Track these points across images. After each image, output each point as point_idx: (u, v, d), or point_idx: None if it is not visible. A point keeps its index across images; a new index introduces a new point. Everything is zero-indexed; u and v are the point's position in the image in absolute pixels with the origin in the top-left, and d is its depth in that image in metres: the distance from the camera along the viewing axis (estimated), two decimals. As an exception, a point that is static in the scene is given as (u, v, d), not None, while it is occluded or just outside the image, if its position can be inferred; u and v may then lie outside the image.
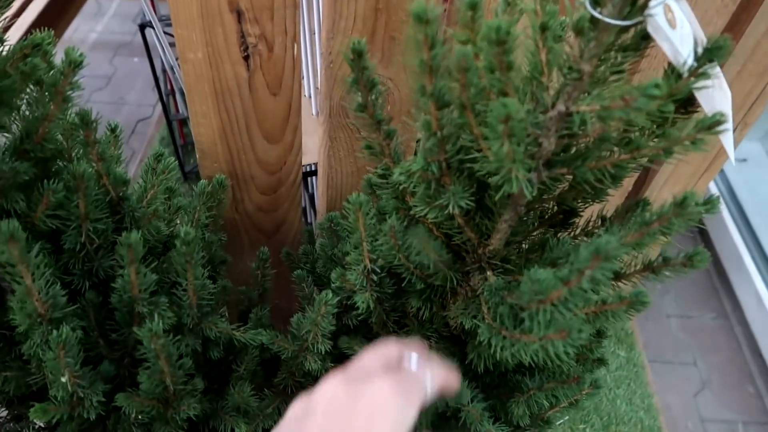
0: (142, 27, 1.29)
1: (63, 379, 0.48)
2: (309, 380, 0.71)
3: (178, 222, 0.70)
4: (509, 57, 0.40)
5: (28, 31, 1.45)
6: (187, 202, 0.72)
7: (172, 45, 1.32)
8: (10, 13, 0.50)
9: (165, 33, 1.28)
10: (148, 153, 1.87)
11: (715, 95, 0.50)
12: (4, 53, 0.51)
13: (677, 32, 0.45)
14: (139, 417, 0.57)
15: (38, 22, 1.46)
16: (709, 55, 0.41)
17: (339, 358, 0.70)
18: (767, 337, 1.63)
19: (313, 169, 0.95)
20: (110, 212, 0.60)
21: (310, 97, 1.11)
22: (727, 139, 0.52)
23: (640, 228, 0.48)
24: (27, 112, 0.55)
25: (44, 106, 0.50)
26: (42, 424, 0.66)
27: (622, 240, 0.50)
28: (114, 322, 0.60)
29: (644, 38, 0.45)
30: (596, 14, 0.40)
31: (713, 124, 0.40)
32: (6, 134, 0.54)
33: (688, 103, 0.48)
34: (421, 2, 0.40)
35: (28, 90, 0.54)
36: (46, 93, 0.50)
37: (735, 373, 1.67)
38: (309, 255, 0.80)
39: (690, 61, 0.42)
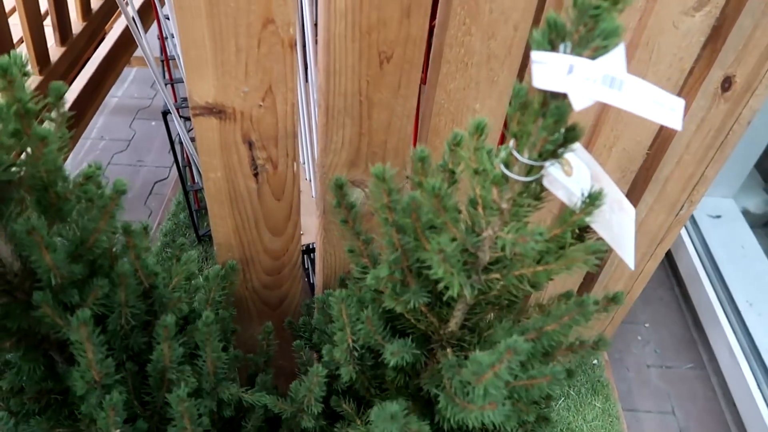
0: (164, 114, 1.46)
1: (116, 431, 0.63)
2: (305, 436, 0.85)
3: (196, 302, 0.85)
4: (445, 203, 0.55)
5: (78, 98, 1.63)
6: (204, 284, 0.87)
7: (187, 119, 1.51)
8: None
9: (182, 117, 1.46)
10: (165, 214, 2.03)
11: (614, 219, 0.65)
12: (65, 184, 0.67)
13: (574, 178, 0.60)
14: (167, 467, 0.71)
15: (86, 88, 1.64)
16: (591, 200, 0.56)
17: (330, 416, 0.83)
18: (739, 386, 1.74)
19: (313, 247, 1.11)
20: (143, 298, 0.76)
21: (310, 180, 1.27)
22: (625, 252, 0.66)
23: (553, 321, 0.62)
24: (78, 224, 0.70)
25: (96, 222, 0.66)
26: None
27: (544, 327, 0.64)
28: (146, 386, 0.75)
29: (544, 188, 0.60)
30: (507, 173, 0.55)
31: (594, 251, 0.55)
32: (62, 239, 0.70)
33: (583, 230, 0.63)
34: (379, 166, 0.56)
35: (78, 207, 0.70)
36: (98, 211, 0.66)
37: (711, 421, 1.78)
38: (307, 325, 0.95)
39: (579, 204, 0.57)
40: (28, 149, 0.61)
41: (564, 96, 0.48)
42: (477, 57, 0.81)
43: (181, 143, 1.70)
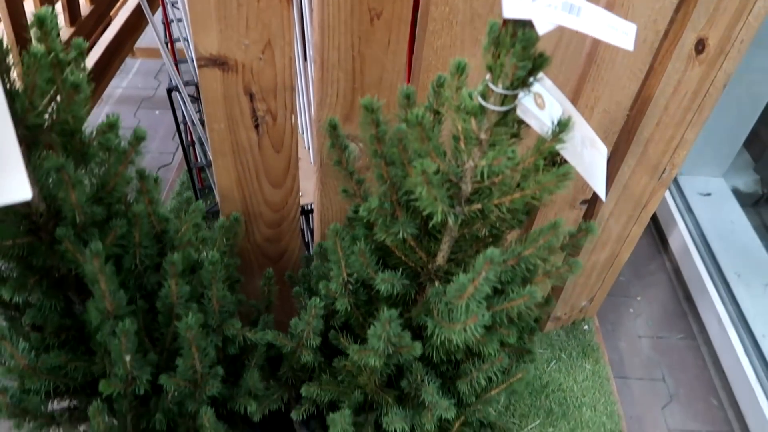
0: (169, 91, 1.52)
1: (127, 358, 0.68)
2: (305, 374, 0.91)
3: (204, 252, 0.91)
4: (428, 133, 0.61)
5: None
6: (210, 234, 0.93)
7: (192, 98, 1.57)
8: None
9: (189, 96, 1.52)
10: (170, 196, 2.09)
11: (585, 153, 0.71)
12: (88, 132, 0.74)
13: (546, 111, 0.66)
14: (176, 394, 0.76)
15: (92, 72, 1.70)
16: (560, 128, 0.61)
17: (328, 354, 0.89)
18: (728, 355, 1.79)
19: (311, 208, 1.17)
20: (156, 242, 0.82)
21: (308, 149, 1.33)
22: (597, 184, 0.72)
23: (530, 245, 0.68)
24: (98, 170, 0.76)
25: (116, 167, 0.72)
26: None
27: (522, 252, 0.70)
28: (156, 323, 0.81)
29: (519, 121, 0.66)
30: (483, 103, 0.61)
31: (561, 175, 0.61)
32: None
33: (554, 159, 0.69)
34: (368, 98, 0.62)
35: (100, 154, 0.76)
36: (118, 158, 0.72)
37: (700, 388, 1.83)
38: (306, 277, 1.01)
39: (550, 132, 0.63)
40: (58, 97, 0.67)
41: (530, 24, 0.54)
42: (461, 16, 0.86)
43: (185, 123, 1.76)
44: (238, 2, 0.73)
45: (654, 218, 2.27)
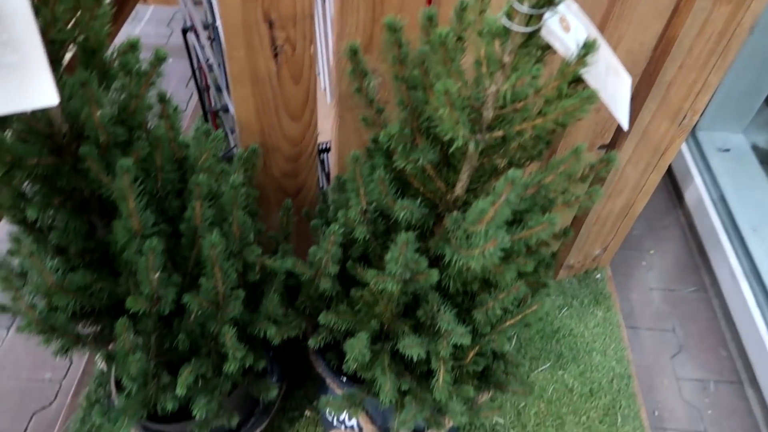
0: (185, 31, 1.51)
1: (154, 276, 0.70)
2: (322, 303, 0.93)
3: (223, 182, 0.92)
4: (451, 54, 0.61)
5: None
6: (228, 167, 0.94)
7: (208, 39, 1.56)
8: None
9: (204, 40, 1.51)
10: (185, 142, 2.10)
11: (609, 80, 0.70)
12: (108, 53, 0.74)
13: (571, 34, 0.65)
14: (199, 314, 0.79)
15: None
16: (585, 50, 0.61)
17: (345, 284, 0.90)
18: (739, 307, 1.80)
19: (327, 146, 1.17)
20: (176, 167, 0.83)
21: (325, 89, 1.32)
22: (620, 113, 0.71)
23: (551, 172, 0.68)
24: (118, 95, 0.77)
25: (137, 88, 0.72)
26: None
27: (542, 180, 0.70)
28: (178, 248, 0.83)
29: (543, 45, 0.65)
30: (508, 24, 0.60)
31: (586, 98, 0.60)
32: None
33: (577, 84, 0.68)
34: (391, 16, 0.61)
35: (121, 75, 0.76)
36: (138, 79, 0.72)
37: (710, 339, 1.85)
38: (323, 212, 1.02)
39: (574, 54, 0.62)
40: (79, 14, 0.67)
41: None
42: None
43: (200, 67, 1.75)
44: None
45: (670, 173, 2.25)
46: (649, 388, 1.70)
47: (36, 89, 0.50)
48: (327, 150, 1.19)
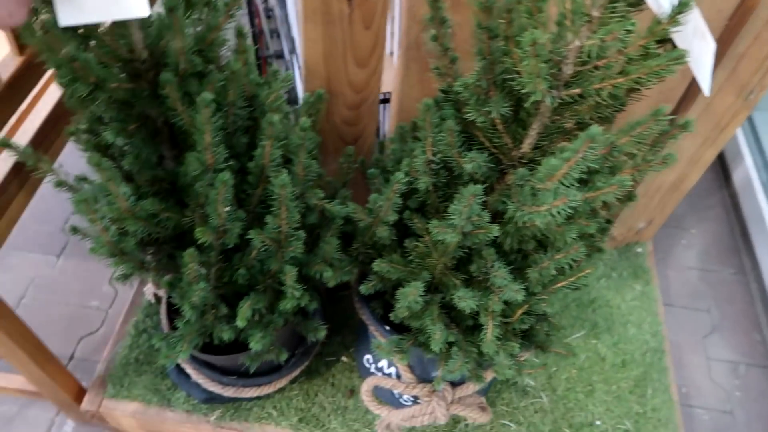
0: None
1: (223, 209, 0.72)
2: (375, 251, 0.94)
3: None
4: (539, 3, 0.60)
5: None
6: (293, 110, 0.95)
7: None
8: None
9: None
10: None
11: (695, 43, 0.68)
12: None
13: (664, -8, 0.63)
14: (262, 249, 0.81)
15: None
16: (678, 8, 0.59)
17: (401, 234, 0.92)
18: (779, 292, 1.78)
19: (386, 97, 1.17)
20: (247, 105, 0.84)
21: (393, 36, 1.31)
22: (702, 77, 0.70)
23: (628, 131, 0.67)
24: (194, 28, 0.78)
25: (217, 19, 0.73)
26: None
27: (616, 141, 0.70)
28: (243, 185, 0.84)
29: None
30: (602, -24, 0.59)
31: (674, 58, 0.59)
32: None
33: (661, 45, 0.67)
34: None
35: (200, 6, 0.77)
36: (220, 9, 0.73)
37: (745, 322, 1.83)
38: (380, 161, 1.03)
39: (666, 12, 0.61)
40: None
41: None
42: None
43: (257, 11, 1.75)
44: None
45: (720, 152, 2.20)
46: (678, 366, 1.70)
47: (128, 1, 0.51)
48: (386, 101, 1.19)
